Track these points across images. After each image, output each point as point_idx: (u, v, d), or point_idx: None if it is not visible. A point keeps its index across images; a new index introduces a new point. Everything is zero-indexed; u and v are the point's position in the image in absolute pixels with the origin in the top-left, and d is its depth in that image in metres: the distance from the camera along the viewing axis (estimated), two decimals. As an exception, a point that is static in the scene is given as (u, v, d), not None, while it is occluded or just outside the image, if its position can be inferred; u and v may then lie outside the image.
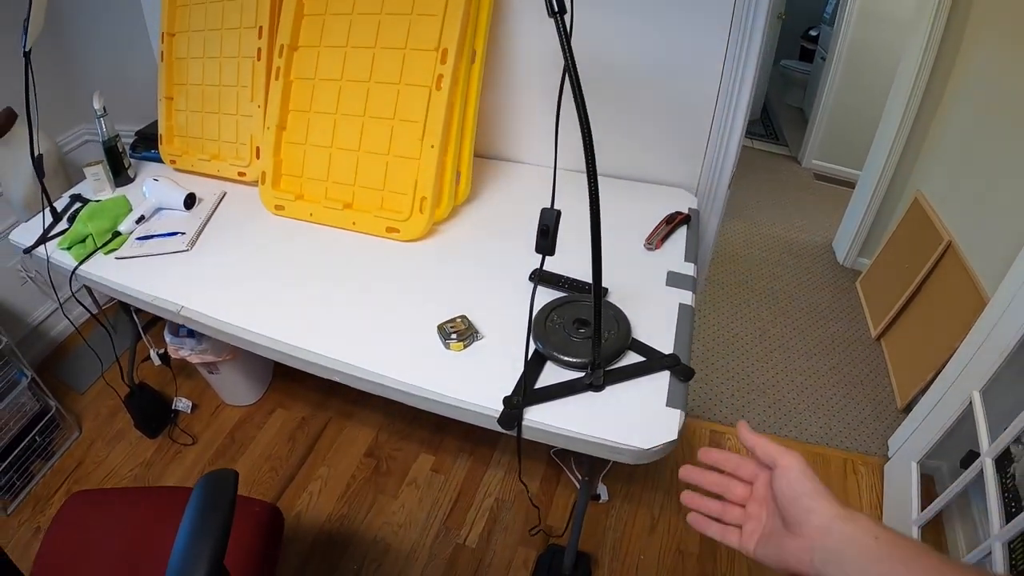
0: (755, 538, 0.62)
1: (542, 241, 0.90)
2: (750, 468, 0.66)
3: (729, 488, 0.67)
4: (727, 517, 0.66)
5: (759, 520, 0.63)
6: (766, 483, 0.63)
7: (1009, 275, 1.54)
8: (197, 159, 1.83)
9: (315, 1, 1.54)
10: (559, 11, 0.82)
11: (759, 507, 0.64)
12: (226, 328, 1.26)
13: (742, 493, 0.66)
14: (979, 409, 1.55)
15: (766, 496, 0.63)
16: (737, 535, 0.64)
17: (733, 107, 1.49)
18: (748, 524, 0.64)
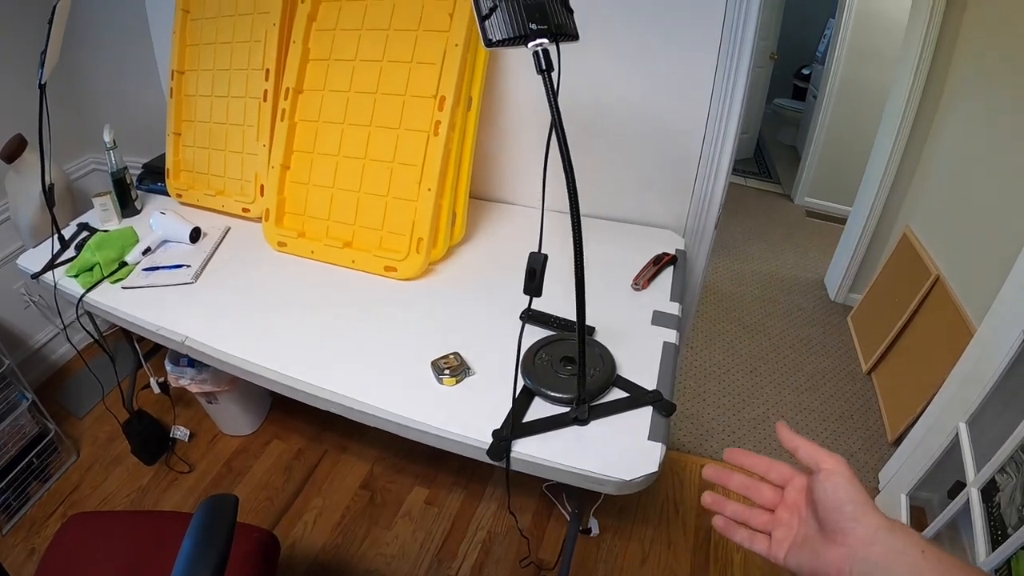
0: (786, 545, 0.60)
1: (530, 283, 0.95)
2: (782, 471, 0.64)
3: (758, 491, 0.65)
4: (754, 522, 0.63)
5: (790, 527, 0.61)
6: (800, 488, 0.61)
7: (993, 308, 1.57)
8: (203, 194, 1.88)
9: (320, 47, 1.61)
10: (547, 69, 0.88)
11: (790, 513, 0.61)
12: (228, 359, 1.31)
13: (771, 497, 0.64)
14: (965, 440, 1.58)
15: (799, 501, 0.61)
16: (766, 542, 0.62)
17: (719, 150, 1.54)
18: (778, 530, 0.61)
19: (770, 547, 0.61)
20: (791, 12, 4.80)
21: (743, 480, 0.65)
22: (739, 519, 0.64)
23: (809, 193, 4.23)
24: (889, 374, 2.55)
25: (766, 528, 0.62)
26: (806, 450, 0.59)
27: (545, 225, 0.93)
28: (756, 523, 0.63)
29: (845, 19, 3.62)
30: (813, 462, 0.58)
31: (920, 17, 2.50)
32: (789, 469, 0.63)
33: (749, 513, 0.64)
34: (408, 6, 1.50)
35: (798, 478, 0.62)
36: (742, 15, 1.36)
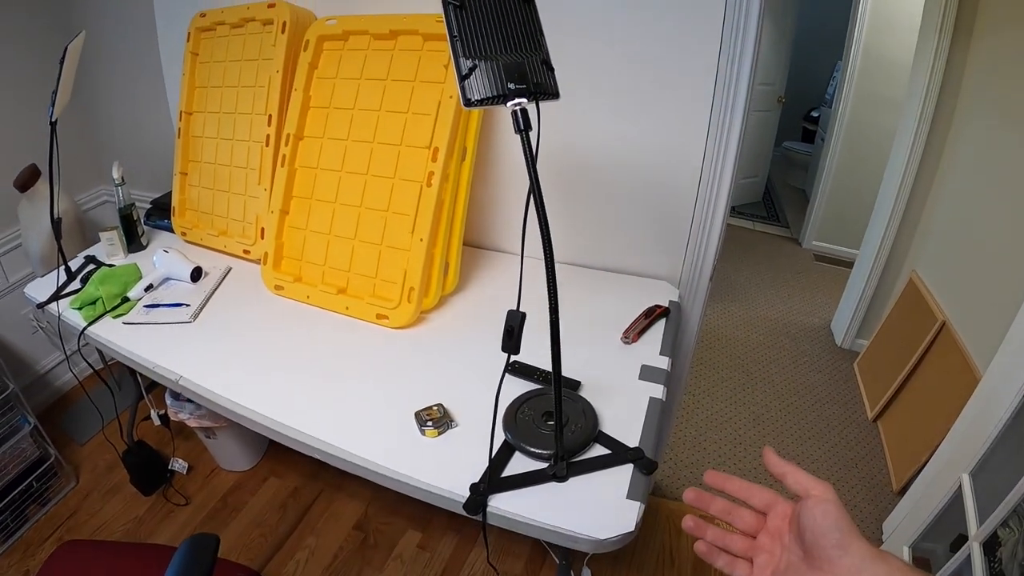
0: (767, 572, 0.59)
1: (507, 341, 0.96)
2: (763, 497, 0.63)
3: (739, 516, 0.64)
4: (734, 547, 0.63)
5: (772, 554, 0.60)
6: (784, 515, 0.61)
7: (998, 355, 1.55)
8: (206, 233, 1.91)
9: (320, 94, 1.65)
10: (525, 128, 0.89)
11: (772, 539, 0.61)
12: (219, 400, 1.32)
13: (752, 523, 0.63)
14: (968, 492, 1.55)
15: (781, 528, 0.60)
16: (747, 568, 0.61)
17: (714, 200, 1.54)
18: (759, 557, 0.61)
19: (751, 574, 0.61)
20: (799, 55, 4.85)
21: (724, 505, 0.65)
22: (719, 544, 0.64)
23: (817, 237, 4.23)
24: (895, 422, 2.52)
25: (746, 554, 0.62)
26: (794, 477, 0.59)
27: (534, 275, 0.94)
28: (736, 548, 0.63)
29: (852, 62, 3.65)
30: (802, 488, 0.58)
31: (924, 61, 2.52)
32: (771, 494, 0.63)
33: (729, 538, 0.64)
34: (405, 58, 1.54)
35: (781, 504, 0.61)
36: (736, 64, 1.37)
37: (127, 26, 2.25)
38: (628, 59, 1.47)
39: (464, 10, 0.91)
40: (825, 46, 5.06)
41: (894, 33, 3.47)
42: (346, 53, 1.62)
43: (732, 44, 1.35)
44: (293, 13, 1.69)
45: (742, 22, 1.33)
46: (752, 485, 0.64)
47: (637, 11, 1.41)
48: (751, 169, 4.97)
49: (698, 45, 1.39)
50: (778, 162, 5.40)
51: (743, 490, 0.64)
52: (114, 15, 2.27)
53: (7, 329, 2.41)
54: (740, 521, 0.64)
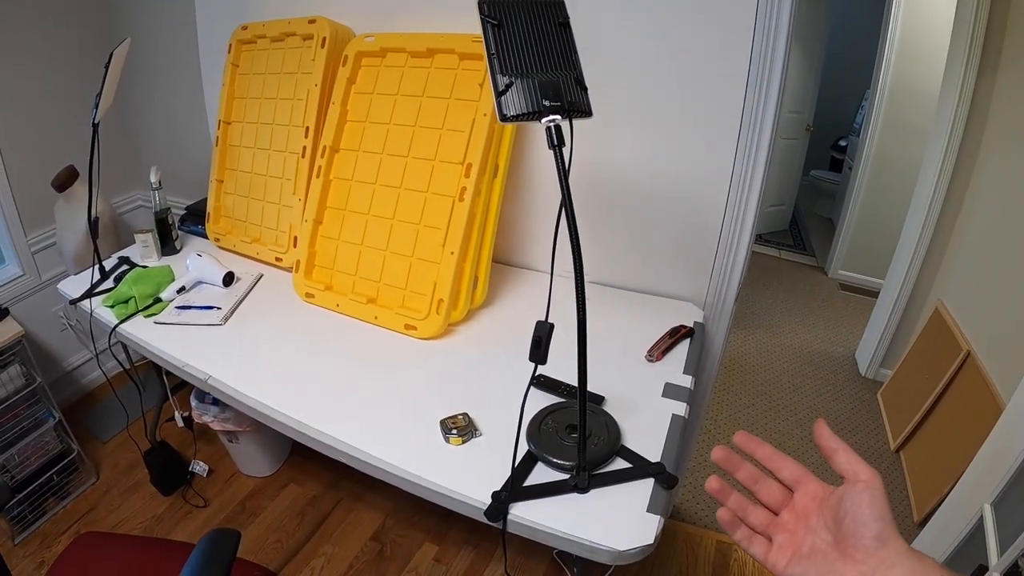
0: (788, 554, 0.55)
1: (535, 351, 0.97)
2: (794, 471, 0.59)
3: (765, 487, 0.60)
4: (752, 519, 0.59)
5: (794, 534, 0.56)
6: (814, 495, 0.56)
7: (1022, 385, 1.53)
8: (239, 240, 1.96)
9: (357, 109, 1.70)
10: (558, 144, 0.92)
11: (796, 519, 0.57)
12: (247, 401, 1.36)
13: (777, 497, 0.59)
14: (990, 522, 1.52)
15: (809, 508, 0.56)
16: (764, 546, 0.57)
17: (740, 223, 1.55)
18: (779, 535, 0.57)
19: (769, 553, 0.57)
20: (828, 83, 4.84)
21: (751, 472, 0.61)
22: (739, 514, 0.60)
23: (843, 266, 4.20)
24: (918, 452, 2.49)
25: (765, 529, 0.59)
26: (846, 456, 0.54)
27: (562, 293, 0.96)
28: (754, 521, 0.59)
29: (879, 91, 3.65)
30: (850, 471, 0.53)
31: (951, 90, 2.52)
32: (801, 469, 0.59)
33: (750, 510, 0.60)
34: (442, 75, 1.58)
35: (812, 483, 0.57)
36: (764, 87, 1.39)
37: (169, 35, 2.33)
38: (657, 84, 1.50)
39: (502, 29, 0.95)
40: (854, 75, 5.06)
41: (922, 63, 3.47)
42: (383, 69, 1.67)
43: (760, 69, 1.37)
44: (333, 29, 1.74)
45: (770, 48, 1.35)
46: (783, 456, 0.60)
47: (666, 37, 1.44)
48: (778, 197, 4.96)
49: (726, 70, 1.41)
50: (805, 190, 5.38)
51: (773, 459, 0.60)
52: (157, 24, 2.35)
53: (37, 325, 2.47)
54: (765, 493, 0.60)
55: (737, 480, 0.62)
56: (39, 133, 2.38)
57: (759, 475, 0.60)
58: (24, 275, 2.44)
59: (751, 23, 1.34)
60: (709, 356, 1.75)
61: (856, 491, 0.52)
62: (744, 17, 1.34)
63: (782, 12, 1.31)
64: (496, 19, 0.95)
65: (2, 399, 2.04)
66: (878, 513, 0.50)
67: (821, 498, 0.56)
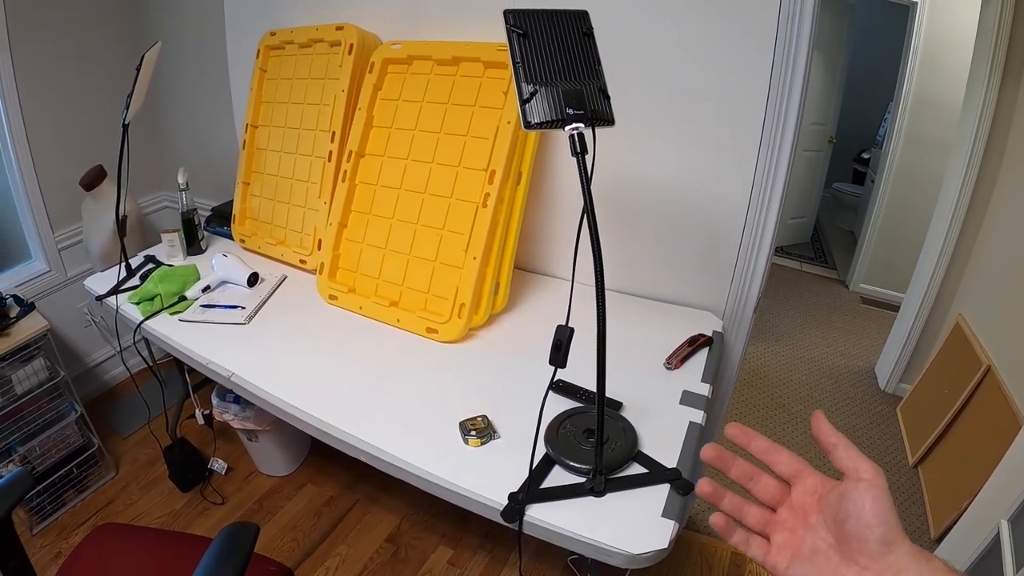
0: (788, 555, 0.52)
1: (555, 355, 0.99)
2: (791, 464, 0.55)
3: (760, 483, 0.56)
4: (749, 519, 0.56)
5: (793, 533, 0.53)
6: (812, 491, 0.53)
7: None
8: (264, 242, 1.99)
9: (383, 115, 1.72)
10: (581, 152, 0.94)
11: (795, 516, 0.54)
12: (269, 398, 1.38)
13: (773, 493, 0.56)
14: (1006, 539, 1.51)
15: (808, 505, 0.53)
16: (763, 547, 0.54)
17: (760, 234, 1.56)
18: (778, 535, 0.54)
19: (768, 554, 0.54)
20: (852, 96, 4.82)
21: (745, 468, 0.57)
22: (735, 514, 0.57)
23: (865, 279, 4.17)
24: (936, 468, 2.46)
25: (763, 529, 0.55)
26: (846, 452, 0.51)
27: (582, 301, 0.98)
28: (751, 521, 0.56)
29: (902, 104, 3.64)
30: (851, 468, 0.50)
31: (974, 104, 2.51)
32: (799, 462, 0.55)
33: (746, 509, 0.57)
34: (467, 83, 1.60)
35: (811, 478, 0.54)
36: (785, 98, 1.39)
37: (199, 40, 2.38)
38: (679, 94, 1.51)
39: (527, 39, 0.97)
40: (877, 87, 5.03)
41: (945, 76, 3.45)
42: (409, 76, 1.70)
43: (781, 80, 1.39)
44: (360, 36, 1.77)
45: (791, 60, 1.36)
46: (779, 448, 0.56)
47: (688, 48, 1.46)
48: (800, 210, 4.94)
49: (747, 81, 1.42)
50: (827, 203, 5.35)
51: (769, 452, 0.56)
52: (188, 29, 2.40)
53: (62, 321, 2.51)
54: (761, 490, 0.56)
55: (731, 479, 0.58)
56: (68, 133, 2.43)
57: (754, 471, 0.57)
58: (50, 271, 2.49)
59: (772, 34, 1.35)
60: (727, 365, 1.75)
61: (858, 491, 0.49)
62: (765, 29, 1.36)
63: (803, 24, 1.32)
64: (522, 29, 0.97)
65: (26, 391, 2.08)
66: (882, 515, 0.48)
67: (820, 494, 0.53)
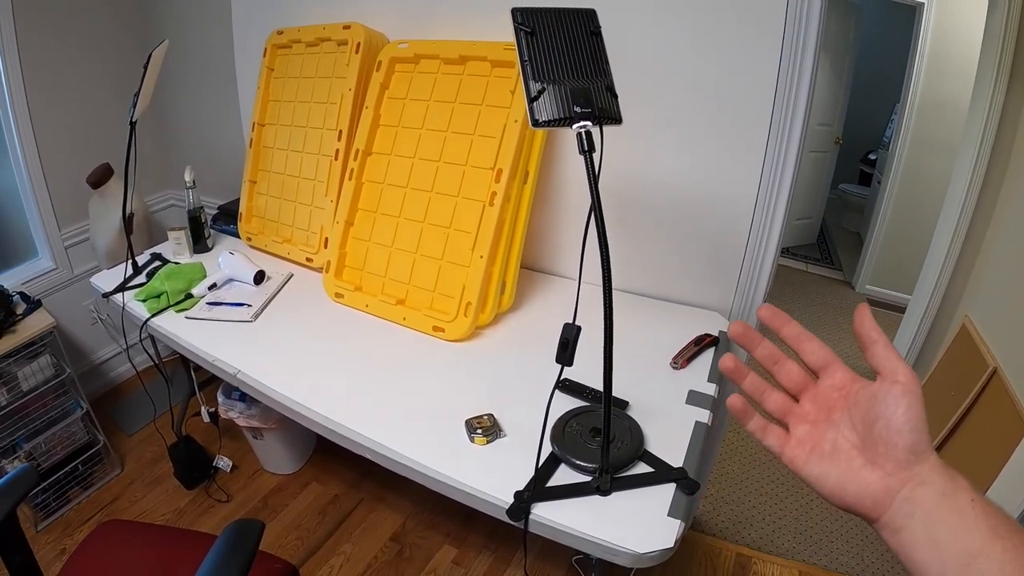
0: (807, 448, 0.50)
1: (562, 353, 0.99)
2: (820, 354, 0.52)
3: (784, 367, 0.53)
4: (768, 403, 0.53)
5: (815, 427, 0.51)
6: (842, 386, 0.50)
7: None
8: (271, 240, 2.00)
9: (390, 113, 1.73)
10: (588, 150, 0.94)
11: (818, 410, 0.51)
12: (275, 396, 1.38)
13: (798, 380, 0.53)
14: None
15: (834, 401, 0.50)
16: (781, 438, 0.52)
17: (766, 234, 1.55)
18: (798, 427, 0.51)
19: (786, 445, 0.51)
20: (858, 96, 4.80)
21: (771, 350, 0.53)
22: (755, 396, 0.54)
23: (871, 281, 4.16)
24: (942, 471, 2.45)
25: (783, 417, 0.53)
26: (885, 351, 0.48)
27: (588, 299, 0.98)
28: (771, 406, 0.53)
29: (909, 105, 3.64)
30: (889, 368, 0.47)
31: (981, 105, 2.50)
32: (829, 353, 0.52)
33: (767, 393, 0.54)
34: (473, 82, 1.60)
35: (840, 372, 0.51)
36: (792, 99, 1.39)
37: (206, 39, 2.38)
38: (686, 93, 1.51)
39: (535, 36, 0.97)
40: (884, 88, 5.01)
41: (952, 77, 3.44)
42: (416, 75, 1.70)
43: (788, 80, 1.38)
44: (367, 35, 1.78)
45: (798, 60, 1.36)
46: (811, 336, 0.53)
47: (695, 47, 1.46)
48: (806, 211, 4.92)
49: (754, 80, 1.42)
50: (833, 204, 5.33)
51: (799, 338, 0.53)
52: (195, 27, 2.41)
53: (68, 318, 2.52)
54: (785, 374, 0.53)
55: (755, 359, 0.55)
56: (75, 130, 2.44)
57: (780, 355, 0.53)
58: (57, 268, 2.49)
59: (779, 34, 1.35)
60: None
61: (893, 394, 0.46)
62: (772, 28, 1.36)
63: (810, 24, 1.32)
64: (529, 27, 0.97)
65: (32, 388, 2.09)
66: (915, 422, 0.45)
67: (849, 390, 0.50)
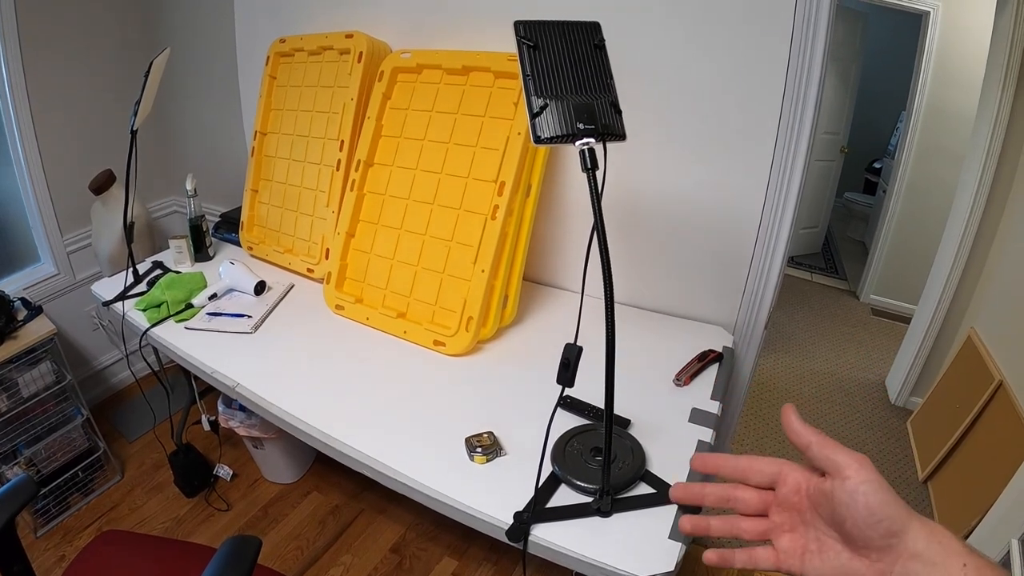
0: (798, 554, 0.50)
1: (563, 373, 0.98)
2: (765, 471, 0.53)
3: (739, 498, 0.54)
4: (747, 534, 0.54)
5: (795, 532, 0.51)
6: (797, 488, 0.51)
7: None
8: (272, 250, 1.99)
9: (392, 124, 1.71)
10: (592, 167, 0.92)
11: (791, 516, 0.52)
12: (274, 410, 1.37)
13: (756, 502, 0.54)
14: (1016, 558, 1.49)
15: (800, 503, 0.51)
16: (771, 555, 0.52)
17: (772, 246, 1.54)
18: (781, 538, 0.52)
19: (780, 558, 0.52)
20: (864, 104, 4.78)
21: (719, 491, 0.55)
22: (729, 535, 0.55)
23: (876, 291, 4.13)
24: (946, 484, 2.43)
25: (763, 536, 0.53)
26: (820, 450, 0.49)
27: (592, 314, 0.97)
28: (750, 534, 0.54)
29: (914, 114, 3.61)
30: (832, 465, 0.48)
31: (987, 114, 2.49)
32: (774, 464, 0.53)
33: (739, 525, 0.54)
34: (476, 93, 1.59)
35: (792, 474, 0.52)
36: (799, 111, 1.38)
37: (209, 47, 2.37)
38: (692, 106, 1.50)
39: (538, 51, 0.95)
40: (890, 96, 4.99)
41: (958, 86, 3.42)
42: (419, 85, 1.69)
43: (795, 91, 1.37)
44: (370, 44, 1.77)
45: (805, 70, 1.34)
46: (750, 459, 0.54)
47: (702, 58, 1.44)
48: (811, 219, 4.90)
49: (761, 91, 1.41)
50: (838, 213, 5.31)
51: (738, 471, 0.54)
52: (197, 35, 2.40)
53: (69, 324, 2.52)
54: (743, 504, 0.54)
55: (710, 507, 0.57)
56: (78, 137, 2.44)
57: (729, 490, 0.55)
58: (58, 274, 2.49)
59: (787, 44, 1.34)
60: (737, 382, 1.73)
61: (846, 491, 0.47)
62: (780, 38, 1.34)
63: (818, 33, 1.30)
64: (532, 40, 0.96)
65: (32, 395, 2.08)
66: (878, 509, 0.45)
67: (806, 491, 0.51)
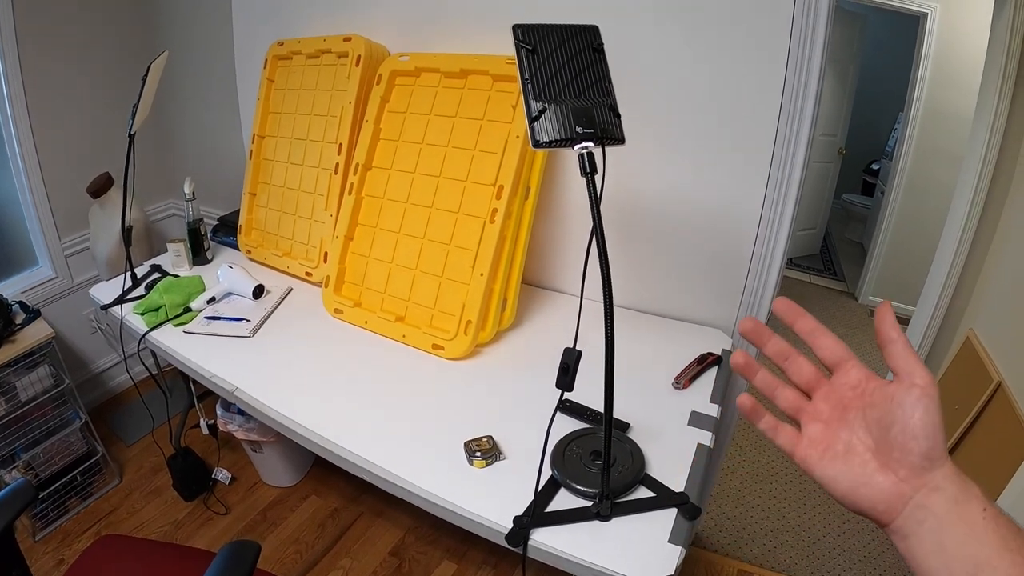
0: (820, 450, 0.48)
1: (563, 378, 0.97)
2: (834, 349, 0.50)
3: (796, 364, 0.52)
4: (781, 400, 0.52)
5: (828, 426, 0.49)
6: (855, 384, 0.49)
7: None
8: (270, 253, 1.98)
9: (390, 127, 1.71)
10: (590, 172, 0.92)
11: (831, 408, 0.49)
12: (272, 414, 1.37)
13: (810, 377, 0.51)
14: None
15: (849, 400, 0.49)
16: (793, 437, 0.50)
17: (771, 248, 1.54)
18: (811, 425, 0.50)
19: (798, 445, 0.50)
20: (861, 106, 4.78)
21: (782, 346, 0.52)
22: (766, 392, 0.52)
23: (874, 292, 4.13)
24: (946, 486, 2.43)
25: (795, 413, 0.51)
26: (903, 349, 0.46)
27: (591, 317, 0.96)
28: (783, 403, 0.52)
29: (912, 115, 3.62)
30: (906, 368, 0.45)
31: (985, 115, 2.48)
32: (844, 350, 0.50)
33: (778, 390, 0.52)
34: (475, 96, 1.59)
35: (855, 369, 0.49)
36: (797, 113, 1.38)
37: (207, 50, 2.37)
38: (691, 107, 1.50)
39: (536, 55, 0.95)
40: (888, 98, 4.99)
41: (956, 87, 3.43)
42: (417, 89, 1.69)
43: (794, 93, 1.37)
44: (368, 47, 1.77)
45: (804, 72, 1.34)
46: (826, 331, 0.51)
47: (700, 60, 1.44)
48: (809, 221, 4.91)
49: (760, 93, 1.41)
50: (836, 215, 5.31)
51: (814, 333, 0.51)
52: (195, 38, 2.40)
53: (67, 327, 2.52)
54: (796, 371, 0.52)
55: (766, 355, 0.54)
56: (77, 140, 2.44)
57: (791, 350, 0.52)
58: (57, 278, 2.49)
59: (785, 46, 1.34)
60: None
61: (911, 397, 0.44)
62: (778, 40, 1.34)
63: (816, 35, 1.30)
64: (530, 44, 0.96)
65: (30, 399, 2.08)
66: (931, 428, 0.44)
67: (863, 389, 0.48)
